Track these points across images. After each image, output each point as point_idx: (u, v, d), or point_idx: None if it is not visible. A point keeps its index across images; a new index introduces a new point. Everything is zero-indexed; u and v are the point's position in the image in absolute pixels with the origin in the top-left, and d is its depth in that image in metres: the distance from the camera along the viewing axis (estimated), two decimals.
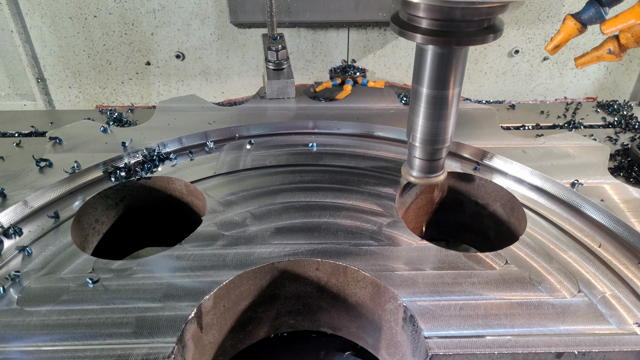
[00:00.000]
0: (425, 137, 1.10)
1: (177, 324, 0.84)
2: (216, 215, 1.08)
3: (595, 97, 2.71)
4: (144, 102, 2.69)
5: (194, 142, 1.32)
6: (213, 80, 2.58)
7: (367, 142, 1.34)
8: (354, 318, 1.03)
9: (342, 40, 2.51)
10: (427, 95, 1.05)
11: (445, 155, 1.16)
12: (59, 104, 2.69)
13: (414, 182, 1.16)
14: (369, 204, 1.11)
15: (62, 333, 0.82)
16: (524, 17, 2.47)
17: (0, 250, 0.99)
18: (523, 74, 2.62)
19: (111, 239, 1.22)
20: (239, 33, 2.40)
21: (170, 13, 2.38)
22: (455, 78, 1.03)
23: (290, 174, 1.22)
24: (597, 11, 0.98)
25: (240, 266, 0.96)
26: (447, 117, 1.08)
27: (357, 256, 0.98)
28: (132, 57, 2.53)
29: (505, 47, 2.54)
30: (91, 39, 2.46)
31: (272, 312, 1.05)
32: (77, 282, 0.92)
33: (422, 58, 1.02)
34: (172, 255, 0.98)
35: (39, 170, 1.17)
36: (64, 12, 2.40)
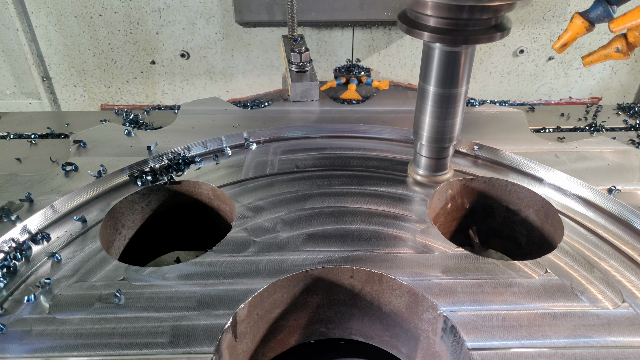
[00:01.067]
0: (432, 135, 1.10)
1: (213, 333, 0.82)
2: (246, 221, 1.06)
3: (600, 97, 2.68)
4: (149, 101, 2.68)
5: (219, 146, 1.30)
6: (218, 80, 2.57)
7: (397, 146, 1.32)
8: (387, 327, 1.01)
9: (347, 40, 2.50)
10: (434, 94, 1.05)
11: (452, 153, 1.16)
12: (64, 102, 2.69)
13: (419, 180, 1.17)
14: (400, 210, 1.09)
15: (97, 342, 0.81)
16: (529, 17, 2.45)
17: (29, 256, 0.98)
18: (528, 73, 2.59)
19: (136, 244, 1.21)
20: (244, 32, 2.39)
21: (175, 12, 2.37)
22: (463, 76, 1.02)
23: (319, 179, 1.20)
24: (605, 9, 0.97)
25: (274, 274, 0.94)
26: (454, 116, 1.08)
27: (393, 263, 0.96)
28: (137, 56, 2.52)
29: (510, 46, 2.51)
30: (96, 37, 2.46)
31: (303, 320, 1.03)
32: (109, 289, 0.90)
33: (429, 56, 1.01)
34: (203, 262, 0.97)
35: (65, 174, 1.16)
36: (69, 10, 2.39)
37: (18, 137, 2.00)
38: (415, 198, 1.13)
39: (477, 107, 1.48)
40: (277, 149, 1.31)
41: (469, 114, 1.43)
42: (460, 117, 1.09)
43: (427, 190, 1.15)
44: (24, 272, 0.94)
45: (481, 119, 1.39)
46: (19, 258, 0.96)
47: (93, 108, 2.72)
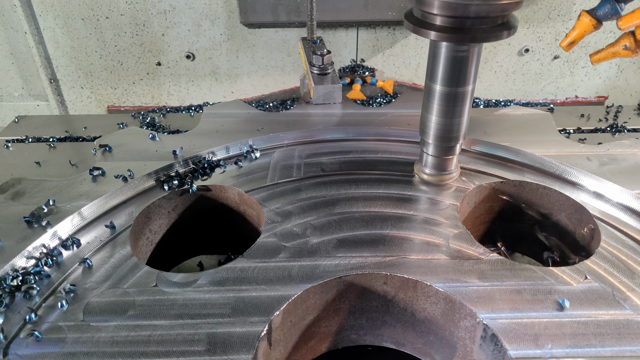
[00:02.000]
0: (439, 134, 1.10)
1: (250, 340, 0.81)
2: (275, 226, 1.05)
3: (606, 96, 2.65)
4: (155, 102, 2.69)
5: (245, 149, 1.29)
6: (223, 80, 2.57)
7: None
8: (421, 334, 0.99)
9: (351, 40, 2.49)
10: (441, 93, 1.04)
11: (458, 152, 1.15)
12: (71, 104, 2.70)
13: (426, 179, 1.16)
14: (431, 214, 1.08)
15: (134, 350, 0.80)
16: (535, 16, 2.42)
17: (60, 262, 0.97)
18: (533, 72, 2.57)
19: (162, 248, 1.20)
20: (249, 33, 2.39)
21: (180, 14, 2.38)
22: (469, 75, 1.02)
23: (346, 183, 1.18)
24: (612, 7, 0.96)
25: (307, 280, 0.92)
26: (460, 114, 1.07)
27: (427, 269, 0.94)
28: (143, 58, 2.53)
29: (515, 45, 2.49)
30: (103, 39, 2.47)
31: (334, 326, 1.01)
32: (142, 296, 0.90)
33: (436, 55, 1.01)
34: (235, 267, 0.95)
35: (92, 178, 1.15)
36: (76, 13, 2.40)
37: (36, 140, 2.01)
38: (444, 202, 1.12)
39: (502, 108, 1.46)
40: (302, 152, 1.30)
41: (494, 116, 1.42)
42: (467, 115, 1.08)
43: (457, 193, 1.14)
44: (55, 278, 0.94)
45: (507, 121, 1.38)
46: (49, 264, 0.96)
47: (100, 110, 2.73)
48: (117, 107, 2.70)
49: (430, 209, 1.10)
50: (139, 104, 2.69)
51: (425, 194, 1.14)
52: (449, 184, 1.17)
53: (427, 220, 1.06)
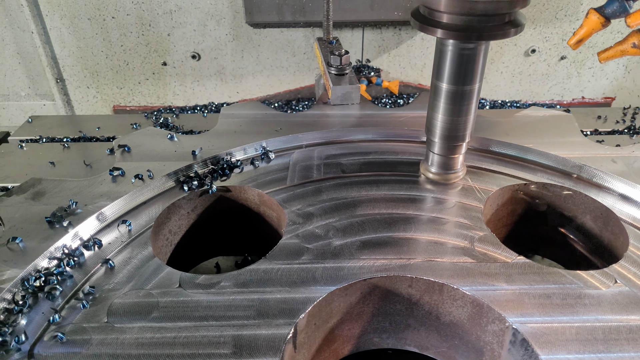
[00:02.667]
0: (445, 132, 1.09)
1: (276, 343, 0.80)
2: (297, 228, 1.04)
3: (613, 97, 2.63)
4: (160, 102, 2.69)
5: (264, 150, 1.28)
6: (228, 80, 2.57)
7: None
8: (445, 338, 0.98)
9: (357, 40, 2.48)
10: (447, 91, 1.04)
11: (464, 151, 1.14)
12: (77, 104, 2.71)
13: (432, 178, 1.16)
14: (454, 216, 1.06)
15: (160, 353, 0.79)
16: (541, 16, 2.40)
17: (82, 263, 0.97)
18: (540, 73, 2.54)
19: (181, 249, 1.19)
20: (254, 33, 2.38)
21: (186, 14, 2.38)
22: (476, 73, 1.01)
23: (366, 184, 1.17)
24: (621, 5, 0.96)
25: (331, 282, 0.91)
26: (466, 113, 1.07)
27: (453, 272, 0.93)
28: (149, 58, 2.53)
29: (521, 46, 2.47)
30: (109, 39, 2.47)
31: (357, 329, 1.00)
32: (166, 297, 0.89)
33: (442, 53, 1.01)
34: (258, 269, 0.95)
35: (112, 179, 1.15)
36: (83, 13, 2.41)
37: (50, 140, 2.01)
38: (467, 204, 1.10)
39: (523, 109, 1.44)
40: (321, 153, 1.29)
41: (516, 117, 1.40)
42: (473, 114, 1.08)
43: (479, 195, 1.12)
44: (78, 279, 0.93)
45: (529, 122, 1.36)
46: (71, 265, 0.95)
47: (105, 109, 2.74)
48: (123, 107, 2.70)
49: (453, 211, 1.08)
50: (144, 104, 2.69)
51: (447, 196, 1.13)
52: (456, 183, 1.16)
53: (450, 223, 1.05)
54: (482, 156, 1.26)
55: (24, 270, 0.89)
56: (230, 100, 2.66)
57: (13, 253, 0.93)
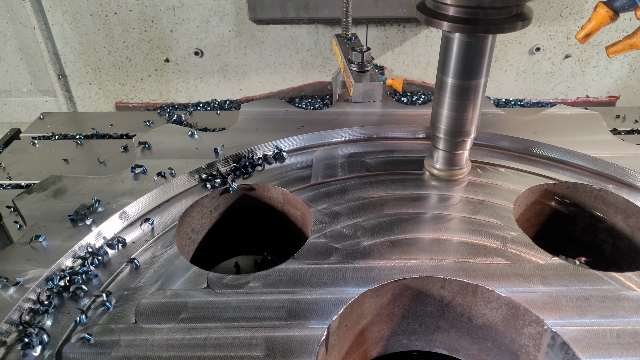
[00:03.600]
0: (449, 128, 1.08)
1: (309, 346, 0.78)
2: (324, 227, 1.02)
3: (618, 96, 2.60)
4: (163, 99, 2.67)
5: (287, 147, 1.26)
6: (231, 77, 2.54)
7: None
8: (477, 340, 0.96)
9: (361, 37, 2.44)
10: (453, 86, 1.02)
11: (469, 147, 1.13)
12: (79, 100, 2.69)
13: (436, 174, 1.15)
14: (484, 216, 1.04)
15: (191, 355, 0.77)
16: (546, 14, 2.37)
17: (106, 262, 0.95)
18: (544, 72, 2.52)
19: (203, 248, 1.17)
20: (257, 30, 2.36)
21: (189, 10, 2.35)
22: (482, 68, 0.99)
23: (392, 183, 1.15)
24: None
25: (362, 283, 0.89)
26: (472, 108, 1.05)
27: (486, 274, 0.90)
28: (152, 54, 2.51)
29: (526, 44, 2.44)
30: (111, 35, 2.45)
31: (387, 331, 0.98)
32: (194, 297, 0.87)
33: (448, 47, 0.99)
34: (287, 269, 0.92)
35: (134, 176, 1.13)
36: (85, 9, 2.38)
37: (63, 137, 1.99)
38: (497, 203, 1.08)
39: (548, 108, 1.42)
40: (345, 151, 1.27)
41: (542, 116, 1.37)
42: (478, 110, 1.06)
43: (509, 195, 1.10)
44: (104, 278, 0.91)
45: (556, 121, 1.33)
46: (96, 264, 0.94)
47: (108, 106, 2.72)
48: (125, 104, 2.68)
49: (482, 210, 1.06)
50: (147, 101, 2.67)
51: (475, 195, 1.11)
52: (462, 179, 1.15)
53: (481, 223, 1.03)
54: (510, 155, 1.23)
55: (48, 269, 0.87)
56: (233, 97, 2.64)
57: (36, 252, 0.92)
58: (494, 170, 1.19)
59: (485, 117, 1.35)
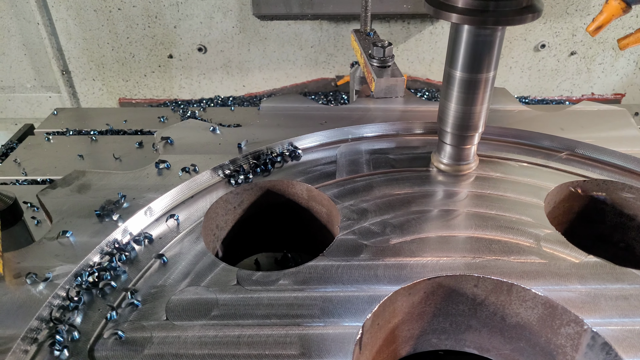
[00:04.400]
0: (457, 122, 1.06)
1: (344, 345, 0.77)
2: (351, 224, 1.00)
3: (623, 94, 2.57)
4: (166, 95, 2.66)
5: (310, 144, 1.25)
6: (234, 74, 2.53)
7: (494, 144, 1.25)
8: (509, 340, 0.94)
9: None
10: (461, 79, 1.00)
11: (477, 142, 1.11)
12: (82, 96, 2.68)
13: (443, 169, 1.14)
14: (516, 214, 1.02)
15: (224, 353, 0.75)
16: (552, 11, 2.34)
17: (133, 258, 0.93)
18: (549, 69, 2.49)
19: (227, 245, 1.16)
20: (261, 26, 2.35)
21: (193, 6, 2.34)
22: (491, 61, 0.98)
23: (418, 179, 1.13)
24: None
25: (394, 281, 0.88)
26: (480, 102, 1.03)
27: (521, 272, 0.88)
28: (155, 50, 2.49)
29: (531, 41, 2.42)
30: (115, 31, 2.44)
31: (417, 330, 0.97)
32: (225, 294, 0.85)
33: (457, 40, 0.97)
34: (317, 265, 0.91)
35: (158, 172, 1.11)
36: (88, 4, 2.37)
37: (77, 133, 1.98)
38: (528, 201, 1.06)
39: (573, 105, 1.40)
40: (368, 147, 1.25)
41: (568, 112, 1.35)
42: (486, 104, 1.04)
43: (539, 192, 1.08)
44: (132, 274, 0.90)
45: (583, 117, 1.31)
46: (123, 260, 0.92)
47: (111, 102, 2.70)
48: (129, 100, 2.66)
49: (513, 207, 1.04)
50: (150, 97, 2.66)
51: (505, 192, 1.09)
52: (470, 173, 1.14)
53: (512, 220, 1.01)
54: (537, 152, 1.21)
55: (77, 265, 0.86)
56: (236, 94, 2.62)
57: (64, 247, 0.90)
58: (523, 167, 1.17)
59: (511, 113, 1.33)
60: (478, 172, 1.15)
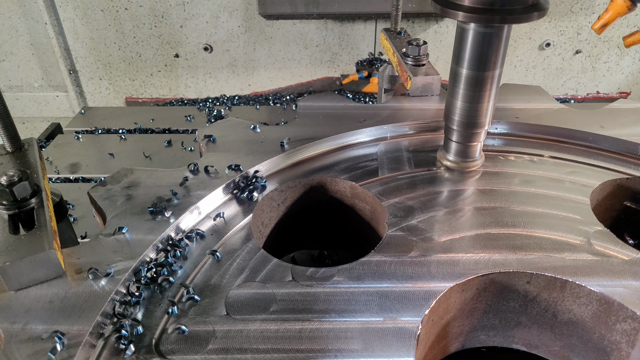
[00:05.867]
0: (463, 119, 1.07)
1: (406, 341, 0.78)
2: (399, 221, 1.01)
3: (629, 92, 2.56)
4: (172, 95, 2.68)
5: (352, 141, 1.25)
6: (240, 73, 2.54)
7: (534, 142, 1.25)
8: (560, 336, 0.95)
9: (370, 33, 2.43)
10: (467, 77, 1.02)
11: (483, 139, 1.12)
12: (89, 95, 2.70)
13: (449, 166, 1.15)
14: (562, 211, 1.03)
15: (287, 347, 0.76)
16: (556, 10, 2.34)
17: (186, 254, 0.95)
18: (554, 67, 2.49)
19: (271, 242, 1.17)
20: (266, 25, 2.36)
21: (199, 5, 2.35)
22: (496, 59, 0.99)
23: (460, 175, 1.14)
24: None
25: (448, 277, 0.88)
26: (486, 100, 1.04)
27: (574, 269, 0.89)
28: (161, 50, 2.51)
29: (536, 40, 2.41)
30: (122, 31, 2.45)
31: (467, 326, 0.97)
32: (282, 289, 0.86)
33: (463, 38, 0.99)
34: (370, 261, 0.92)
35: (205, 169, 1.12)
36: (96, 4, 2.39)
37: (106, 132, 2.00)
38: (573, 198, 1.06)
39: (610, 103, 1.39)
40: (409, 145, 1.26)
41: (606, 110, 1.34)
42: (492, 101, 1.06)
43: (583, 190, 1.08)
44: (188, 270, 0.91)
45: (622, 115, 1.31)
46: (178, 256, 0.94)
47: (118, 101, 2.72)
48: (135, 99, 2.68)
49: (560, 204, 1.04)
50: (156, 96, 2.67)
51: (549, 190, 1.09)
52: (476, 170, 1.16)
53: (559, 217, 1.01)
54: (579, 150, 1.22)
55: (136, 260, 0.87)
56: (242, 92, 2.63)
57: (120, 244, 0.92)
58: (564, 165, 1.17)
59: (549, 111, 1.33)
60: (522, 170, 1.16)
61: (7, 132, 1.03)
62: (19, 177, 0.89)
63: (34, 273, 0.82)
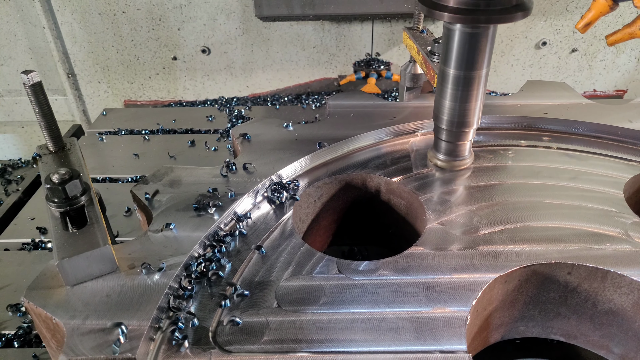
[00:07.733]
0: (452, 119, 1.09)
1: (455, 329, 0.79)
2: (438, 215, 1.03)
3: (625, 90, 2.57)
4: (171, 97, 2.69)
5: (384, 138, 1.27)
6: (238, 75, 2.56)
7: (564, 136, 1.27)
8: (600, 326, 0.96)
9: (366, 34, 2.45)
10: (454, 76, 1.04)
11: (472, 138, 1.14)
12: (88, 98, 2.72)
13: (440, 165, 1.17)
14: (597, 203, 1.05)
15: (341, 337, 0.78)
16: (552, 8, 2.35)
17: (232, 249, 0.97)
18: (551, 66, 2.50)
19: (305, 238, 1.19)
20: (264, 27, 2.38)
21: (196, 8, 2.37)
22: (483, 58, 1.01)
23: (494, 171, 1.16)
24: None
25: (491, 269, 0.90)
26: (474, 99, 1.06)
27: (614, 259, 0.90)
28: (159, 52, 2.53)
29: (532, 38, 2.42)
30: (120, 34, 2.47)
31: (507, 317, 0.99)
32: (329, 282, 0.88)
33: (449, 38, 1.01)
34: (413, 254, 0.94)
35: (243, 167, 1.14)
36: (93, 8, 2.41)
37: (129, 133, 2.03)
38: (606, 191, 1.08)
39: (635, 100, 1.41)
40: None
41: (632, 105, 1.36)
42: (480, 100, 1.08)
43: (615, 183, 1.10)
44: (235, 265, 0.93)
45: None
46: (224, 251, 0.96)
47: (116, 104, 2.75)
48: (134, 102, 2.70)
49: (596, 198, 1.06)
50: (155, 99, 2.69)
51: (584, 184, 1.10)
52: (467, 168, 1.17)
53: (594, 209, 1.03)
54: (609, 144, 1.23)
55: (187, 255, 0.89)
56: (240, 94, 2.65)
57: (168, 239, 0.94)
58: (596, 158, 1.19)
59: (577, 106, 1.35)
60: (554, 165, 1.18)
61: (50, 132, 1.05)
62: (70, 176, 0.91)
63: (90, 268, 0.84)
